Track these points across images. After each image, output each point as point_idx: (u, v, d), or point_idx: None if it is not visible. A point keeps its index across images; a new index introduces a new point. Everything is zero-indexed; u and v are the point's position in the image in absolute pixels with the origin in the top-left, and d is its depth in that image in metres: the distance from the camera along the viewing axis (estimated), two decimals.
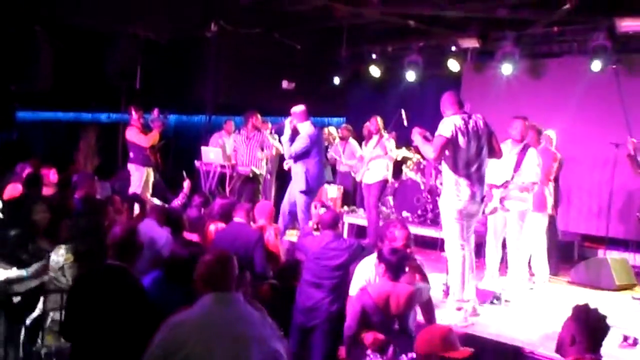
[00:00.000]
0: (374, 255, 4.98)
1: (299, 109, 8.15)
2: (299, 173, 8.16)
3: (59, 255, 5.04)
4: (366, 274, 5.07)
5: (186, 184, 7.74)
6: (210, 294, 3.23)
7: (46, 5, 10.22)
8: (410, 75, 11.32)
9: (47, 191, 7.74)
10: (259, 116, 9.86)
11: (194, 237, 6.09)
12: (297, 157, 8.12)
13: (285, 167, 8.99)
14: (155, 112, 9.76)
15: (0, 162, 11.10)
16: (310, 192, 8.23)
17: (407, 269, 4.80)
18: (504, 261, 7.22)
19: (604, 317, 3.47)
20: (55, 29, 11.25)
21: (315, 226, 6.43)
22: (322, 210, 6.32)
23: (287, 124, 8.10)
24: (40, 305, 5.00)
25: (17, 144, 17.64)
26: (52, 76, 11.57)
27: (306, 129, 8.11)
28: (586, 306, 3.52)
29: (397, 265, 4.68)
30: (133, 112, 9.70)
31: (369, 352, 4.19)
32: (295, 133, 8.11)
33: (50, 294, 4.93)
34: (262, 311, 3.72)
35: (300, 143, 8.04)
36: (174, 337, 3.10)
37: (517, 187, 6.68)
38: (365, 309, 4.64)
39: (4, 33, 11.17)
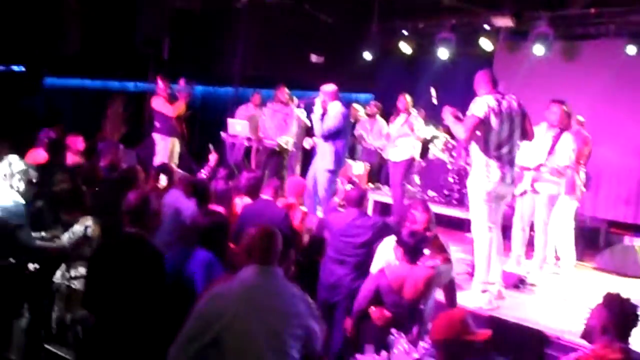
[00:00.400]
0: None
1: (330, 88, 8.04)
2: (327, 151, 8.06)
3: (85, 226, 5.04)
4: (386, 255, 5.04)
5: (212, 157, 7.71)
6: (252, 266, 3.28)
7: None
8: (442, 53, 11.14)
9: (73, 159, 7.76)
10: (285, 90, 9.80)
11: (220, 209, 6.06)
12: (328, 136, 8.04)
13: (307, 145, 8.93)
14: (182, 82, 9.70)
15: (27, 128, 11.18)
16: (336, 171, 8.17)
17: (429, 251, 4.75)
18: (530, 244, 7.14)
19: (636, 307, 3.41)
20: None
21: (340, 202, 6.40)
22: (349, 186, 6.29)
23: (318, 102, 7.99)
24: (59, 273, 5.02)
25: (44, 110, 17.80)
26: (79, 41, 11.58)
27: (337, 108, 8.01)
28: (619, 295, 3.46)
29: (414, 248, 4.64)
30: (159, 82, 9.66)
31: (393, 330, 4.15)
32: (325, 112, 8.02)
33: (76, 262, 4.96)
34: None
35: (333, 122, 7.93)
36: (213, 308, 3.17)
37: (550, 170, 6.59)
38: (380, 289, 4.66)
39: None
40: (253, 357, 3.09)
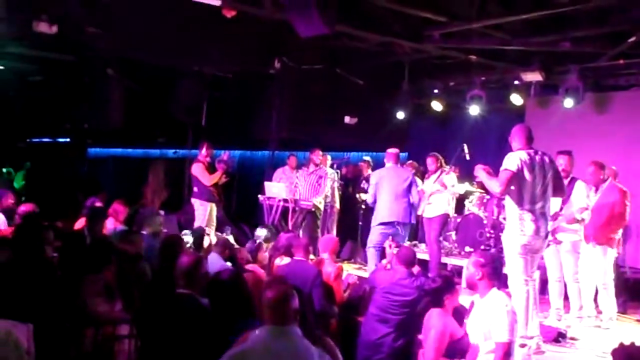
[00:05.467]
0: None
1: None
2: None
3: None
4: None
5: None
6: (267, 326, 3.33)
7: (116, 47, 10.63)
8: (473, 110, 11.27)
9: (115, 226, 8.02)
10: (319, 152, 10.04)
11: (257, 269, 6.21)
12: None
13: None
14: (225, 155, 9.94)
15: (72, 196, 11.56)
16: None
17: None
18: (568, 298, 7.09)
19: None
20: (125, 69, 11.70)
21: (388, 265, 6.50)
22: (396, 250, 6.41)
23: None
24: None
25: (88, 179, 18.30)
26: (122, 115, 12.02)
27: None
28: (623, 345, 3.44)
29: None
30: (204, 148, 9.93)
31: None
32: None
33: None
34: (333, 348, 3.80)
35: None
36: None
37: (566, 218, 6.64)
38: None
39: (79, 76, 11.71)
40: None
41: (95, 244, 6.29)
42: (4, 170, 15.81)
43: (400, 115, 12.13)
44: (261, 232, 8.06)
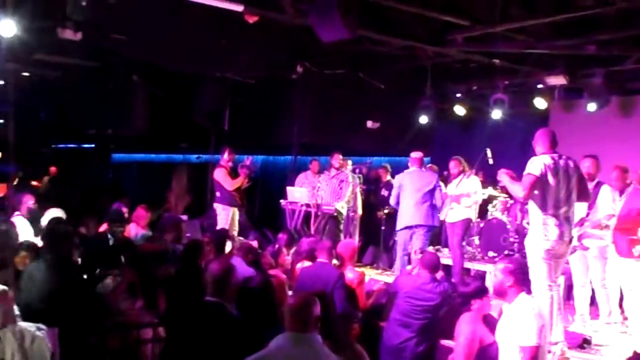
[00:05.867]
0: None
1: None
2: None
3: None
4: None
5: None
6: (287, 332, 3.34)
7: (139, 53, 10.73)
8: (496, 114, 11.19)
9: (138, 231, 8.10)
10: (339, 156, 10.04)
11: (279, 274, 6.22)
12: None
13: None
14: (248, 160, 10.01)
15: (97, 201, 11.67)
16: None
17: None
18: (594, 304, 7.00)
19: None
20: (148, 75, 11.80)
21: (414, 271, 6.49)
22: (419, 255, 6.41)
23: None
24: None
25: (112, 184, 18.47)
26: (146, 120, 12.12)
27: None
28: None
29: None
30: (226, 153, 9.98)
31: None
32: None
33: None
34: (362, 355, 3.80)
35: None
36: None
37: (592, 224, 6.55)
38: None
39: (104, 83, 11.83)
40: None
41: (118, 244, 6.38)
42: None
43: (423, 119, 12.07)
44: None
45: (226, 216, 9.70)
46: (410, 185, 8.72)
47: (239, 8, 7.67)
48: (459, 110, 11.96)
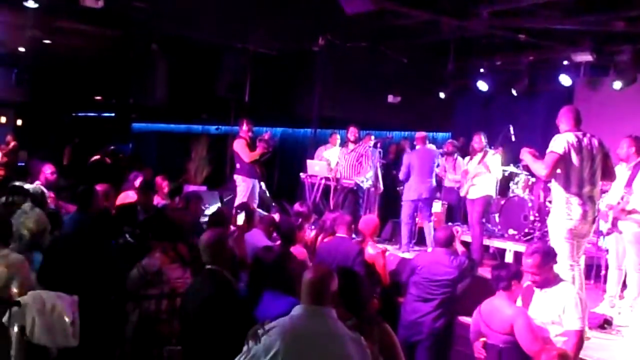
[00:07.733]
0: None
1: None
2: None
3: None
4: None
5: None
6: (303, 305, 3.34)
7: (162, 23, 10.69)
8: (520, 90, 11.05)
9: (158, 201, 8.11)
10: (355, 129, 9.97)
11: (301, 250, 6.20)
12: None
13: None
14: (267, 135, 10.03)
15: (117, 171, 11.72)
16: None
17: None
18: (624, 284, 6.91)
19: None
20: (169, 45, 11.76)
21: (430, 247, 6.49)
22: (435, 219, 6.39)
23: None
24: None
25: (132, 154, 18.56)
26: (167, 90, 12.10)
27: None
28: None
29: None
30: (245, 125, 9.97)
31: None
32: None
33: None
34: (389, 334, 3.86)
35: None
36: (263, 341, 3.21)
37: (624, 207, 6.41)
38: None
39: (124, 52, 11.82)
40: None
41: (155, 215, 6.42)
42: None
43: (444, 95, 11.98)
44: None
45: (246, 188, 9.70)
46: (416, 163, 9.20)
47: None
48: (482, 85, 11.81)
